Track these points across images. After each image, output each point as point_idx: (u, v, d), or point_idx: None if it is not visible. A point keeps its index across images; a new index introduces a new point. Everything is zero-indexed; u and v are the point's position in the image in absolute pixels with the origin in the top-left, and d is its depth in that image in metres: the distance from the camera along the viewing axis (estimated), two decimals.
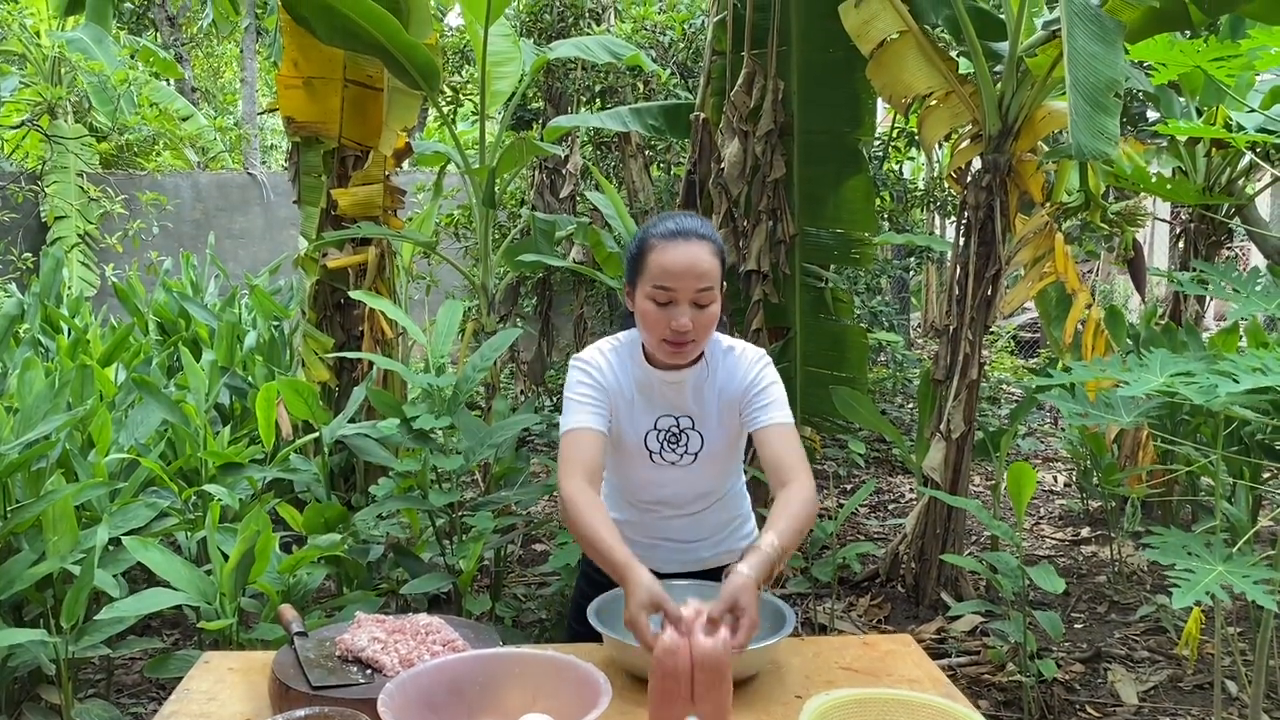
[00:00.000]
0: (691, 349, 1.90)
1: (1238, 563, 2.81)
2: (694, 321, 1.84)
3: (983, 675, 3.56)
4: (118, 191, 10.64)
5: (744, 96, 4.52)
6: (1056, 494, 6.14)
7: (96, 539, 2.85)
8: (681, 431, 1.99)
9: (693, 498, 2.08)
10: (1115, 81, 3.08)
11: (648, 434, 1.99)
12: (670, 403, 1.98)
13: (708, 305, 1.85)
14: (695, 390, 1.98)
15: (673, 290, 1.83)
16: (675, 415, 1.99)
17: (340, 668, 1.68)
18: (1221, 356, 3.01)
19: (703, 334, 1.88)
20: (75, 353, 4.92)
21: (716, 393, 1.98)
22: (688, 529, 2.10)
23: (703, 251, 1.84)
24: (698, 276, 1.83)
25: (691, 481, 2.05)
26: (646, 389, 1.99)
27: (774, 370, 1.99)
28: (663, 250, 1.84)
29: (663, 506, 2.09)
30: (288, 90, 4.39)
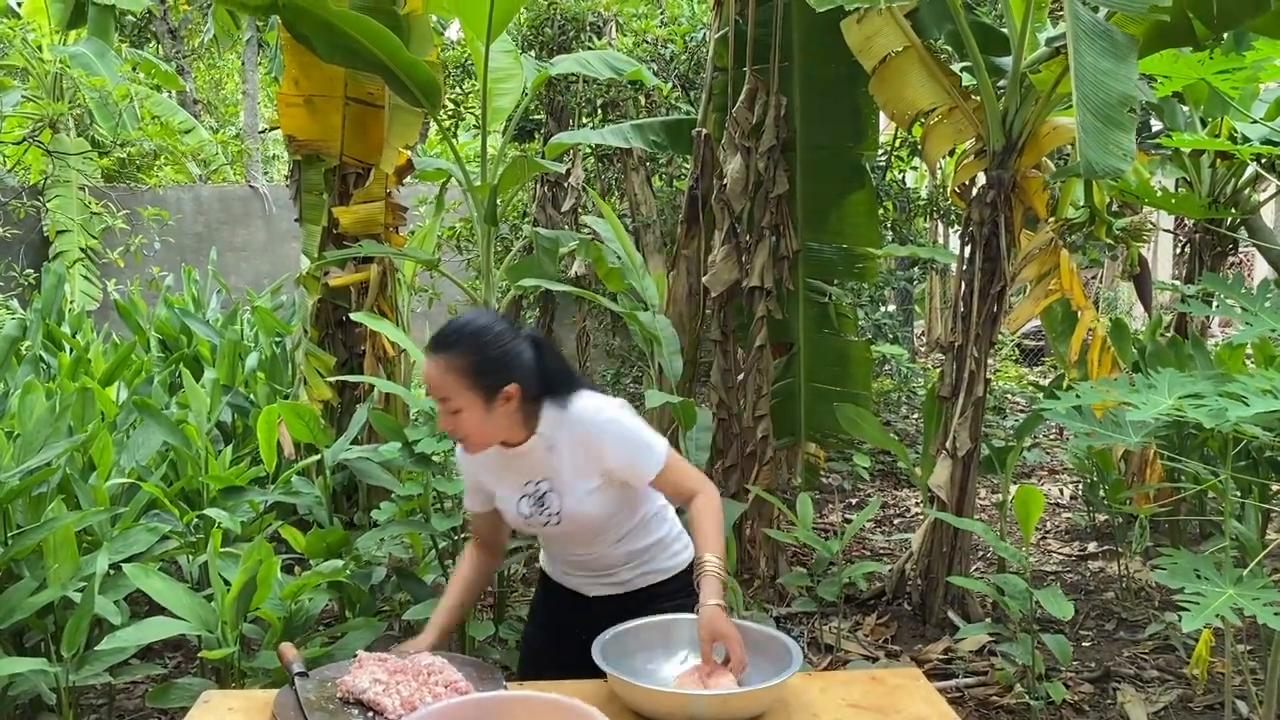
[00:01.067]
0: (469, 445, 2.02)
1: (1248, 585, 2.78)
2: (451, 427, 1.96)
3: (991, 697, 3.53)
4: (119, 206, 10.64)
5: (746, 112, 4.50)
6: (1063, 507, 6.11)
7: (97, 566, 2.83)
8: (543, 495, 2.09)
9: (587, 543, 2.16)
10: (1129, 97, 3.06)
11: (519, 500, 2.11)
12: (526, 472, 2.09)
13: (455, 413, 1.94)
14: (543, 457, 2.06)
15: (431, 393, 1.97)
16: (535, 481, 2.09)
17: (341, 710, 1.66)
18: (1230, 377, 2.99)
19: (469, 433, 1.98)
20: (77, 371, 4.90)
21: (566, 459, 2.04)
22: (601, 563, 2.20)
23: (433, 367, 1.95)
24: (434, 388, 1.95)
25: (572, 534, 2.14)
26: (502, 464, 2.11)
27: (621, 426, 2.03)
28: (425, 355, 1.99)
29: (567, 551, 2.22)
30: (289, 108, 4.38)
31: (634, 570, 2.20)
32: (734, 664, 1.82)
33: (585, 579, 2.23)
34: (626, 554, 2.18)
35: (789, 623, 4.25)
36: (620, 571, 2.19)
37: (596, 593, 2.21)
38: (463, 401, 1.93)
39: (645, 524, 2.19)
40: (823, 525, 5.49)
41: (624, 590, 2.20)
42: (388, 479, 3.47)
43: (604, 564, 2.19)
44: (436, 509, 3.38)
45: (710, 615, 1.85)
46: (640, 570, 2.20)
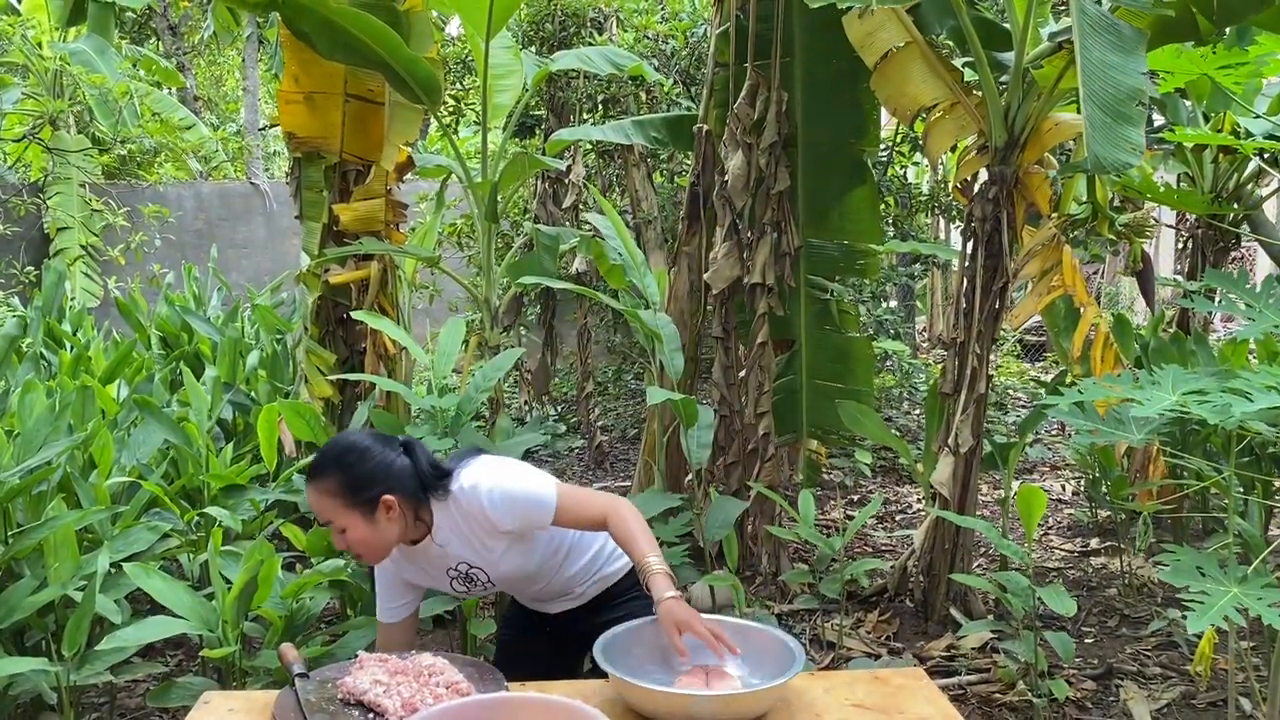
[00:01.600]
0: (369, 558, 2.10)
1: (1252, 583, 2.77)
2: (345, 544, 2.05)
3: (993, 694, 3.53)
4: (120, 203, 10.63)
5: (747, 108, 4.49)
6: (1065, 503, 6.10)
7: (98, 565, 2.83)
8: (467, 573, 2.19)
9: (531, 584, 2.28)
10: (1137, 91, 3.03)
11: (450, 583, 2.23)
12: (442, 560, 2.18)
13: (342, 531, 2.04)
14: (449, 544, 2.14)
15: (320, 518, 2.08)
16: (454, 565, 2.18)
17: (342, 711, 1.65)
18: (1234, 373, 2.97)
19: (362, 549, 2.06)
20: (77, 369, 4.90)
21: (466, 535, 2.13)
22: (553, 590, 2.32)
23: (310, 494, 2.05)
24: (317, 514, 2.07)
25: (512, 587, 2.28)
26: (419, 561, 2.20)
27: (503, 494, 2.08)
28: None
29: (519, 594, 2.37)
30: (289, 105, 4.36)
31: (586, 584, 2.33)
32: (705, 639, 1.85)
33: (546, 603, 2.38)
34: (573, 576, 2.30)
35: (791, 620, 4.24)
36: (574, 589, 2.32)
37: (558, 609, 2.37)
38: (345, 520, 2.03)
39: (577, 545, 2.29)
40: (824, 522, 5.48)
41: (583, 601, 2.33)
42: None
43: (558, 589, 2.32)
44: None
45: (667, 608, 1.88)
46: (592, 581, 2.33)
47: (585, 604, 2.34)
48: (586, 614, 2.30)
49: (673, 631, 1.85)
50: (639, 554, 2.00)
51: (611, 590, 2.34)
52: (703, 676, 1.83)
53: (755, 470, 4.56)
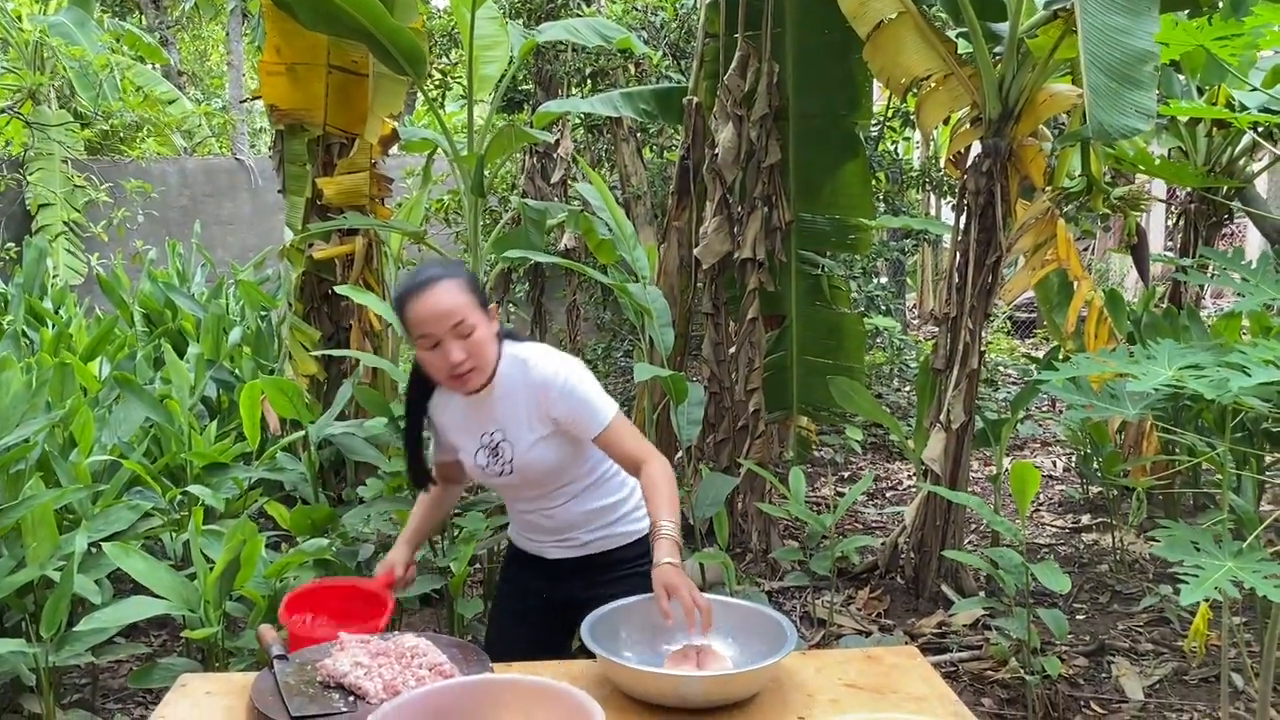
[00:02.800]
0: (476, 376, 2.04)
1: (1247, 557, 2.74)
2: (465, 351, 1.99)
3: (985, 671, 3.51)
4: (102, 179, 10.49)
5: (738, 80, 4.42)
6: (1056, 479, 6.08)
7: (76, 545, 2.77)
8: (496, 445, 2.14)
9: (539, 498, 2.21)
10: (1148, 53, 2.96)
11: (477, 453, 2.17)
12: (482, 422, 2.15)
13: (470, 333, 1.99)
14: (498, 405, 2.12)
15: (431, 335, 1.99)
16: (490, 431, 2.14)
17: (322, 694, 1.61)
18: (1230, 348, 2.94)
19: (479, 358, 2.03)
20: (58, 346, 4.83)
21: (519, 405, 2.11)
22: (556, 522, 2.23)
23: (442, 293, 1.99)
24: (444, 316, 1.98)
25: (525, 486, 2.19)
26: (464, 417, 2.18)
27: (574, 380, 2.08)
28: (412, 305, 2.01)
29: (522, 507, 2.26)
30: (270, 77, 4.28)
31: (592, 533, 2.25)
32: (686, 609, 1.82)
33: (545, 541, 2.27)
34: (583, 514, 2.22)
35: (781, 597, 4.22)
36: (578, 534, 2.24)
37: (555, 555, 2.27)
38: (476, 318, 2.00)
39: (601, 484, 2.24)
40: (815, 499, 5.45)
41: (582, 553, 2.25)
42: (374, 454, 3.42)
43: (562, 524, 2.23)
44: None
45: (663, 571, 1.87)
46: (599, 534, 2.25)
47: (581, 560, 2.25)
48: (580, 577, 2.23)
49: (661, 594, 1.84)
50: (656, 512, 1.98)
51: (611, 555, 2.26)
52: (692, 656, 1.79)
53: (745, 447, 4.53)
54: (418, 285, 2.00)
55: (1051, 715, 3.25)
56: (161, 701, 1.73)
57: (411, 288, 2.01)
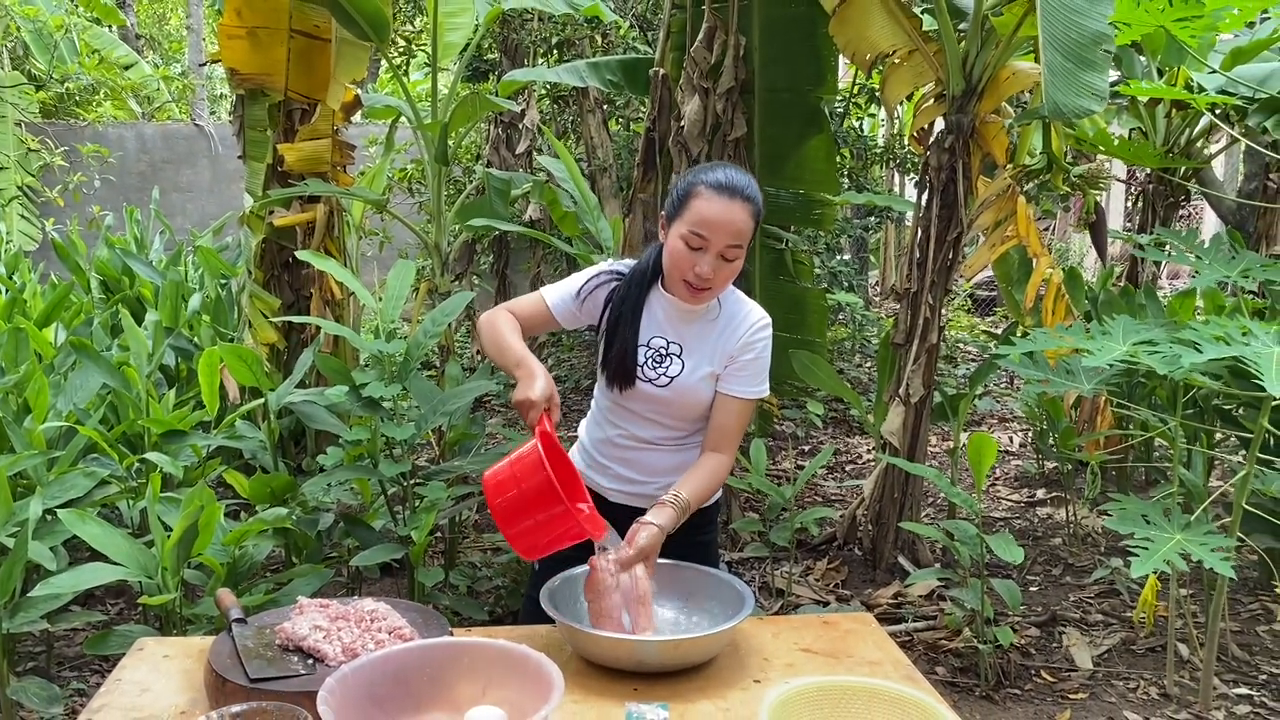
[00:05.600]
0: (707, 295, 2.01)
1: (1195, 530, 2.82)
2: (716, 272, 1.95)
3: (939, 641, 3.56)
4: (57, 143, 10.29)
5: (704, 52, 4.41)
6: (1012, 454, 6.18)
7: (30, 511, 2.74)
8: (668, 354, 2.08)
9: (657, 427, 2.14)
10: (1102, 35, 3.00)
11: (638, 349, 2.09)
12: (670, 326, 2.09)
13: (734, 260, 1.96)
14: (697, 324, 2.08)
15: (706, 239, 1.92)
16: (668, 338, 2.08)
17: (280, 657, 1.61)
18: (1182, 324, 3.00)
19: (721, 285, 2.00)
20: (12, 312, 4.75)
21: (714, 336, 2.07)
22: (649, 462, 2.16)
23: (743, 212, 1.93)
24: (732, 234, 1.92)
25: (661, 408, 2.11)
26: (660, 309, 2.10)
27: (768, 341, 2.09)
28: (707, 200, 1.92)
29: (631, 429, 2.16)
30: (230, 41, 4.22)
31: (663, 489, 2.08)
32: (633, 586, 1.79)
33: (618, 480, 2.19)
34: (671, 465, 2.14)
35: (741, 568, 4.26)
36: (654, 482, 2.14)
37: (618, 499, 2.19)
38: (745, 250, 1.97)
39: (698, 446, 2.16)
40: (776, 472, 5.50)
41: (641, 504, 2.10)
42: (335, 423, 3.39)
43: (648, 466, 2.16)
44: (385, 454, 3.32)
45: (646, 530, 1.83)
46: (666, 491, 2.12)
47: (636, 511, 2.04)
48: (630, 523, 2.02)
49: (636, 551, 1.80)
50: (686, 485, 1.96)
51: None
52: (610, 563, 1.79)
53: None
54: (727, 188, 1.92)
55: (1003, 683, 3.32)
56: (118, 665, 1.72)
57: (720, 185, 1.93)
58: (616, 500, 2.18)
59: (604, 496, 2.19)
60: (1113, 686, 3.33)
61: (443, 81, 4.66)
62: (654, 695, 1.63)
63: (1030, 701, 3.24)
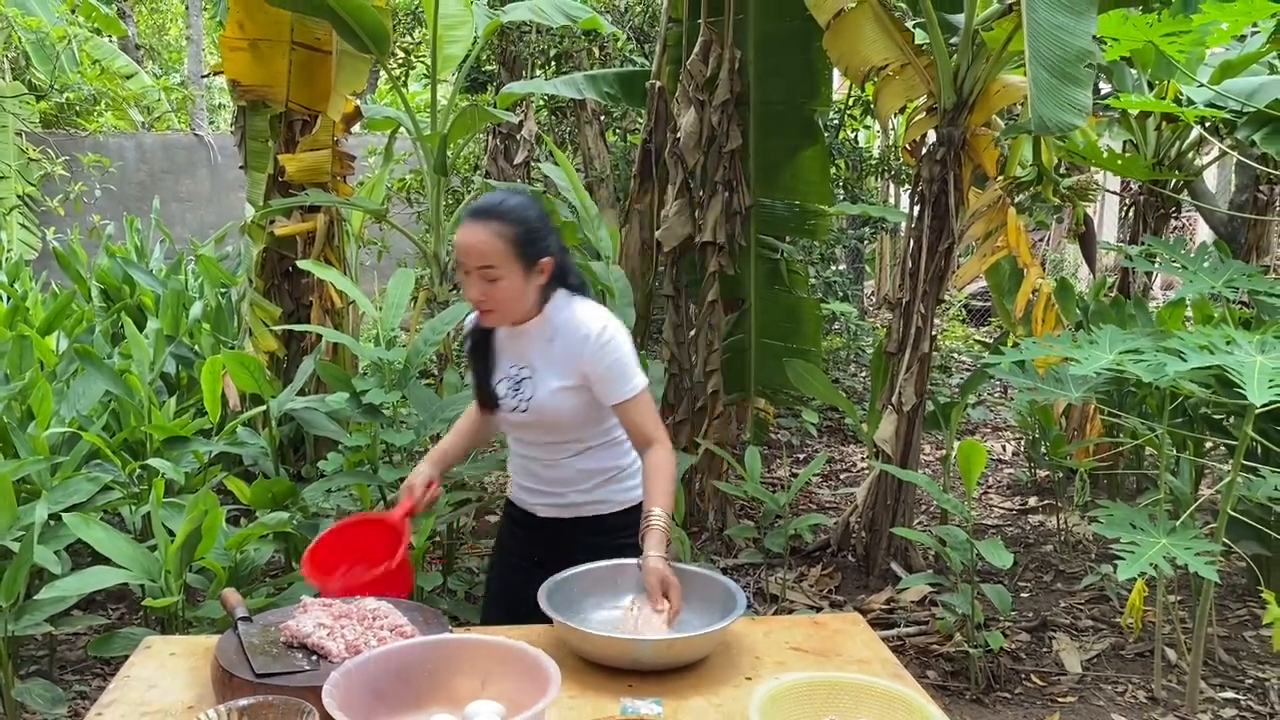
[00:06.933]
0: (494, 317, 2.07)
1: (1181, 535, 2.87)
2: (485, 294, 2.00)
3: (931, 645, 3.61)
4: (58, 152, 10.35)
5: (700, 65, 4.47)
6: (1005, 463, 6.23)
7: (35, 516, 2.78)
8: (521, 381, 2.15)
9: (546, 445, 2.20)
10: (1086, 52, 3.06)
11: (499, 383, 2.18)
12: (515, 356, 2.16)
13: (495, 280, 1.99)
14: (535, 344, 2.13)
15: (463, 264, 2.00)
16: (519, 365, 2.16)
17: (285, 654, 1.65)
18: (1169, 334, 3.05)
19: (500, 305, 2.03)
20: (14, 320, 4.79)
21: (554, 352, 2.11)
22: (552, 473, 2.23)
23: (484, 233, 1.97)
24: (477, 255, 1.98)
25: (535, 429, 2.18)
26: (507, 341, 2.18)
27: (615, 343, 2.08)
28: (460, 229, 2.01)
29: (526, 451, 2.25)
30: (233, 53, 4.28)
31: (583, 494, 2.22)
32: (671, 612, 1.86)
33: (538, 496, 2.26)
34: (580, 473, 2.20)
35: (736, 574, 4.30)
36: (570, 492, 2.22)
37: (545, 513, 2.26)
38: (506, 270, 1.99)
39: (608, 448, 2.22)
40: (771, 479, 5.54)
41: (570, 515, 2.23)
42: (335, 430, 3.44)
43: (557, 479, 2.22)
44: (384, 460, 3.37)
45: (654, 565, 1.89)
46: (589, 496, 2.23)
47: (570, 521, 2.23)
48: (567, 532, 2.21)
49: (656, 590, 1.88)
50: (652, 499, 2.00)
51: (602, 522, 2.23)
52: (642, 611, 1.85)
53: (704, 428, 4.60)
54: (472, 214, 2.00)
55: (993, 687, 3.36)
56: (126, 663, 1.77)
57: (469, 213, 2.01)
58: (545, 515, 2.26)
59: (534, 514, 2.28)
60: (1101, 690, 3.37)
61: (442, 93, 4.72)
62: (648, 692, 1.67)
63: (1020, 705, 3.29)
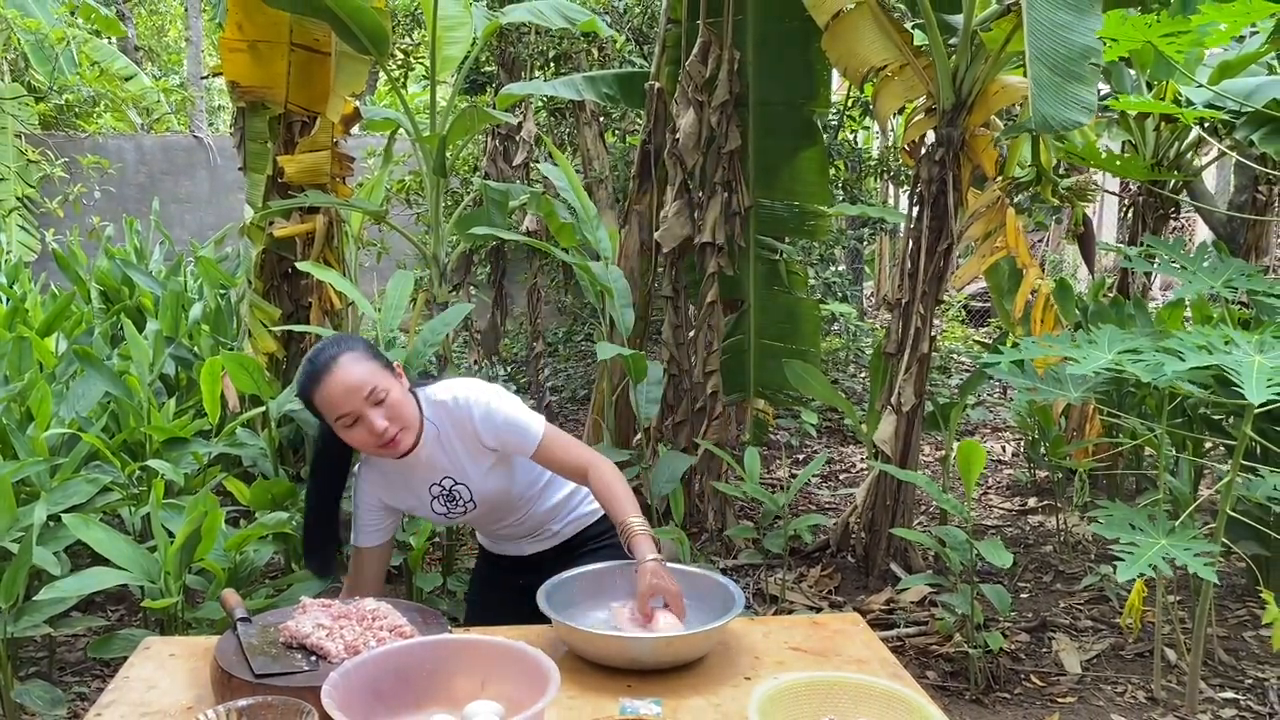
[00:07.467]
0: (405, 435, 2.01)
1: (1180, 535, 2.87)
2: (385, 417, 1.96)
3: (930, 646, 3.61)
4: (57, 154, 10.35)
5: (699, 66, 4.47)
6: (1004, 464, 6.23)
7: (34, 517, 2.78)
8: (450, 490, 2.15)
9: (510, 512, 2.25)
10: (1090, 49, 3.06)
11: (431, 503, 2.17)
12: (427, 475, 2.14)
13: (386, 399, 1.97)
14: (436, 454, 2.11)
15: (350, 413, 1.95)
16: (438, 480, 2.14)
17: (284, 654, 1.65)
18: (1168, 333, 3.05)
19: (402, 419, 2.00)
20: (14, 322, 4.79)
21: (453, 446, 2.11)
22: (529, 525, 2.30)
23: (346, 368, 1.95)
24: (356, 389, 1.94)
25: (492, 512, 2.22)
26: (404, 477, 2.16)
27: (495, 403, 2.08)
28: (320, 390, 1.95)
29: (491, 528, 2.32)
30: (232, 54, 4.27)
31: (562, 521, 2.31)
32: (675, 611, 1.86)
33: (520, 543, 2.34)
34: (548, 510, 2.28)
35: (735, 575, 4.30)
36: (550, 526, 2.30)
37: (533, 550, 2.33)
38: (386, 381, 1.98)
39: (553, 480, 2.28)
40: (770, 480, 5.55)
41: (558, 541, 2.32)
42: None
43: (533, 525, 2.30)
44: None
45: (651, 569, 1.88)
46: (568, 520, 2.31)
47: (558, 546, 2.30)
48: (561, 555, 2.27)
49: (647, 595, 1.85)
50: (620, 513, 1.99)
51: (587, 532, 2.31)
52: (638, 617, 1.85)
53: (703, 429, 4.60)
54: (319, 369, 1.96)
55: (993, 687, 3.36)
56: (126, 663, 1.77)
57: (311, 376, 1.96)
58: (533, 551, 2.33)
59: (522, 554, 2.34)
60: (1101, 691, 3.38)
61: (441, 94, 4.71)
62: (647, 691, 1.68)
63: (1019, 705, 3.29)
